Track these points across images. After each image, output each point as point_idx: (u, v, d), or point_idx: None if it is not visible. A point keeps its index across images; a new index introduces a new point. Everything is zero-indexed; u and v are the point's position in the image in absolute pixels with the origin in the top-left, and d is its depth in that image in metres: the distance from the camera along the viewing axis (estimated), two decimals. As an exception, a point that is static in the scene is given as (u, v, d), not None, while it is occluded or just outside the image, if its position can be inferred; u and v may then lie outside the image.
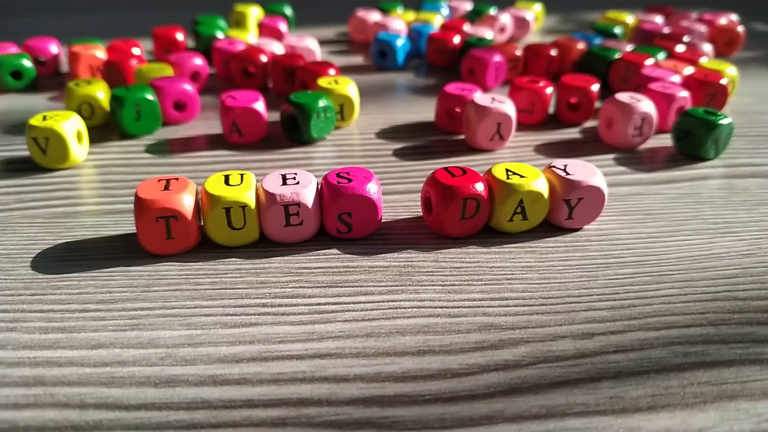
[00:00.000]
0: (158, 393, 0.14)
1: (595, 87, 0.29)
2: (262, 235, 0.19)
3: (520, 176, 0.19)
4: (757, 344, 0.15)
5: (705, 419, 0.13)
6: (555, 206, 0.20)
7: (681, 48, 0.35)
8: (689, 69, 0.31)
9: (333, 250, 0.19)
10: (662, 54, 0.34)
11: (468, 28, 0.40)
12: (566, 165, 0.20)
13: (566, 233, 0.20)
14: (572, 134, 0.28)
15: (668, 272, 0.18)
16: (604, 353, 0.15)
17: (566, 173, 0.20)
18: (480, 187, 0.19)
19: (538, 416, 0.13)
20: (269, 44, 0.35)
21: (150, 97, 0.27)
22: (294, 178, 0.19)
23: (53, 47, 0.35)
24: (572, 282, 0.18)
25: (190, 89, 0.28)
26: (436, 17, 0.43)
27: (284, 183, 0.19)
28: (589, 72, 0.34)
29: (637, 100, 0.26)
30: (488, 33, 0.39)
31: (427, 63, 0.39)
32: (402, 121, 0.30)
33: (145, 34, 0.41)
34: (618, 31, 0.40)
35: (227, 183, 0.19)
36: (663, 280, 0.18)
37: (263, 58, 0.33)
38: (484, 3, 0.51)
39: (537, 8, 0.46)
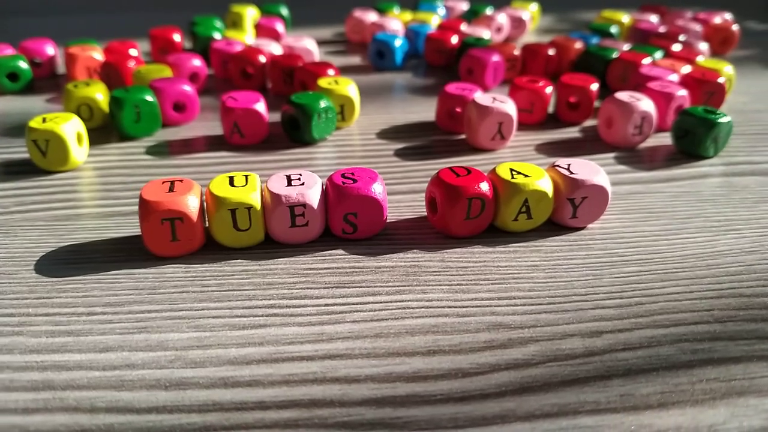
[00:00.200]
0: (169, 396, 0.14)
1: (595, 86, 0.29)
2: (267, 236, 0.19)
3: (525, 176, 0.19)
4: (763, 341, 0.16)
5: (715, 416, 0.13)
6: (559, 205, 0.20)
7: (677, 47, 0.36)
8: (687, 68, 0.31)
9: (339, 251, 0.19)
10: (659, 53, 0.34)
11: (465, 28, 0.40)
12: (570, 164, 0.20)
13: (570, 232, 0.20)
14: (572, 133, 0.29)
15: (673, 270, 0.18)
16: (613, 351, 0.15)
17: (570, 172, 0.20)
18: (485, 187, 0.19)
19: (550, 415, 0.13)
20: (267, 45, 0.35)
21: (149, 99, 0.27)
22: (299, 179, 0.19)
23: (49, 49, 0.35)
24: (578, 281, 0.18)
25: (190, 90, 0.28)
26: (433, 17, 0.43)
27: (289, 184, 0.19)
28: (587, 71, 0.34)
29: (637, 99, 0.26)
30: (486, 33, 0.39)
31: (425, 63, 0.39)
32: (402, 121, 0.30)
33: (141, 36, 0.41)
34: (614, 31, 0.40)
35: (232, 184, 0.19)
36: (668, 278, 0.18)
37: (262, 59, 0.32)
38: (481, 3, 0.51)
39: (533, 8, 0.46)
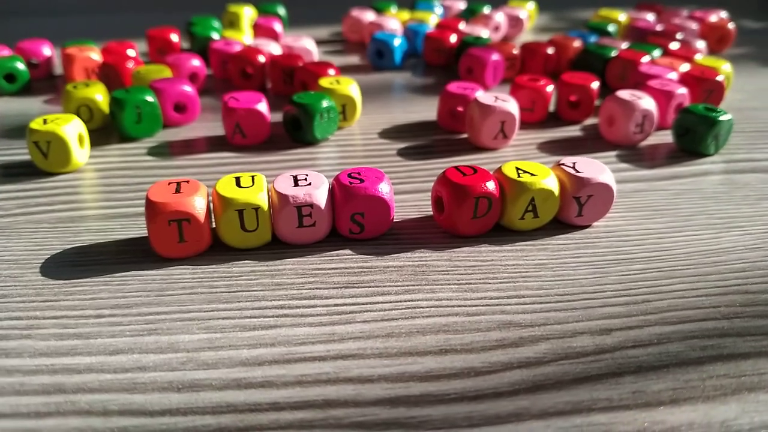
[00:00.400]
0: (182, 398, 0.14)
1: (595, 85, 0.29)
2: (274, 237, 0.19)
3: (531, 174, 0.19)
4: (771, 336, 0.16)
5: (727, 411, 0.13)
6: (565, 204, 0.20)
7: (675, 45, 0.36)
8: (685, 66, 0.32)
9: (346, 251, 0.19)
10: (657, 51, 0.34)
11: (463, 27, 0.40)
12: (575, 162, 0.20)
13: (576, 230, 0.20)
14: (573, 132, 0.29)
15: (679, 267, 0.18)
16: (623, 348, 0.15)
17: (576, 171, 0.20)
18: (491, 186, 0.19)
19: (564, 412, 0.13)
20: (266, 45, 0.35)
21: (150, 99, 0.26)
22: (305, 179, 0.19)
23: (46, 49, 0.34)
24: (586, 278, 0.18)
25: (191, 91, 0.28)
26: (431, 16, 0.43)
27: (296, 184, 0.19)
28: (586, 70, 0.34)
29: (638, 98, 0.26)
30: (484, 32, 0.39)
31: (424, 62, 0.39)
32: (403, 121, 0.30)
33: (138, 36, 0.41)
34: (612, 29, 0.40)
35: (239, 185, 0.19)
36: (674, 275, 0.18)
37: (261, 59, 0.32)
38: (478, 2, 0.51)
39: (530, 6, 0.46)
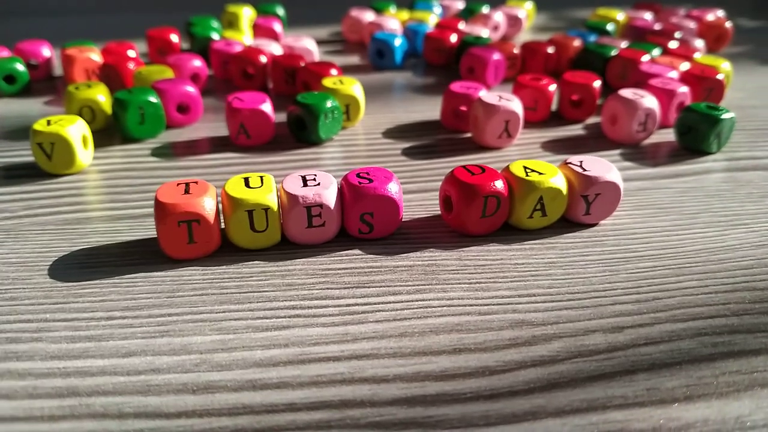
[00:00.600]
0: (198, 400, 0.14)
1: (597, 83, 0.29)
2: (283, 237, 0.19)
3: (539, 173, 0.20)
4: (781, 333, 0.16)
5: (740, 407, 0.14)
6: (573, 202, 0.20)
7: (674, 44, 0.36)
8: (685, 65, 0.32)
9: (355, 251, 0.19)
10: (657, 50, 0.34)
11: (463, 27, 0.40)
12: (582, 161, 0.20)
13: (583, 229, 0.20)
14: (576, 131, 0.29)
15: (687, 265, 0.19)
16: (636, 346, 0.15)
17: (583, 169, 0.20)
18: (500, 185, 0.19)
19: (580, 410, 0.13)
20: (267, 45, 0.35)
21: (153, 100, 0.26)
22: (314, 179, 0.19)
23: (45, 50, 0.34)
24: (595, 277, 0.18)
25: (193, 91, 0.28)
26: (431, 16, 0.43)
27: (305, 184, 0.19)
28: (586, 69, 0.34)
29: (641, 96, 0.26)
30: (484, 31, 0.39)
31: (424, 62, 0.39)
32: (406, 121, 0.30)
33: (135, 36, 0.41)
34: (610, 28, 0.41)
35: (248, 185, 0.19)
36: (682, 273, 0.18)
37: (263, 59, 0.32)
38: (477, 1, 0.51)
39: (528, 6, 0.47)
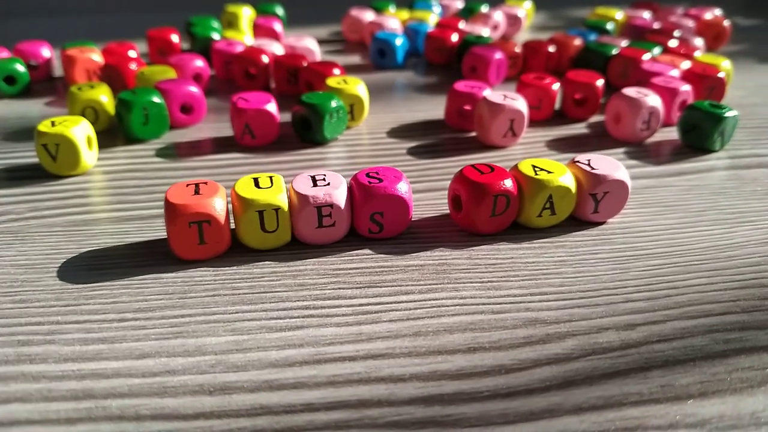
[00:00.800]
0: (215, 401, 0.14)
1: (600, 82, 0.29)
2: (292, 237, 0.19)
3: (548, 172, 0.20)
4: (792, 329, 0.16)
5: (755, 403, 0.14)
6: (581, 200, 0.20)
7: (674, 43, 0.36)
8: (686, 63, 0.32)
9: (365, 251, 0.19)
10: (657, 49, 0.35)
11: (463, 26, 0.40)
12: (590, 159, 0.20)
13: (591, 227, 0.21)
14: (579, 129, 0.29)
15: (695, 262, 0.19)
16: (649, 343, 0.15)
17: (591, 168, 0.20)
18: (509, 184, 0.19)
19: (597, 407, 0.14)
20: (269, 45, 0.35)
21: (157, 100, 0.26)
22: (324, 179, 0.19)
23: (45, 51, 0.34)
24: (606, 275, 0.18)
25: (197, 92, 0.28)
26: (431, 15, 0.43)
27: (315, 184, 0.19)
28: (587, 68, 0.34)
29: (644, 95, 0.27)
30: (484, 30, 0.39)
31: (425, 61, 0.39)
32: (410, 120, 0.30)
33: (134, 37, 0.41)
34: (610, 27, 0.41)
35: (258, 186, 0.19)
36: (691, 270, 0.18)
37: (265, 59, 0.32)
38: (476, 1, 0.51)
39: (527, 5, 0.47)
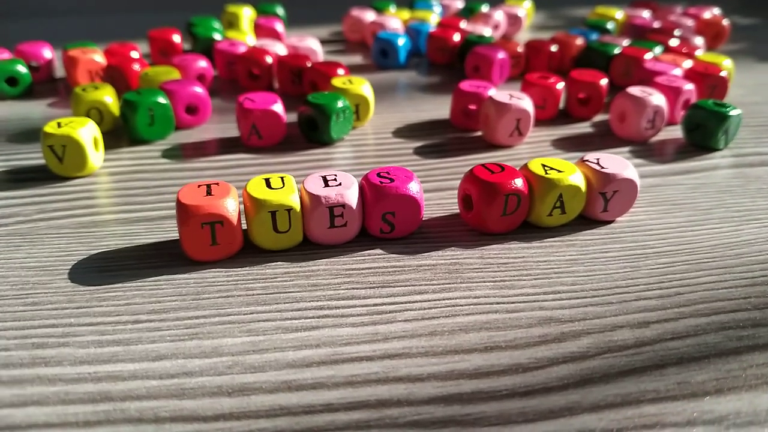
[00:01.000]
0: (234, 402, 0.14)
1: (604, 82, 0.29)
2: (304, 238, 0.19)
3: (558, 171, 0.20)
4: (803, 325, 0.16)
5: (771, 400, 0.14)
6: (591, 199, 0.20)
7: (675, 42, 0.36)
8: (688, 62, 0.32)
9: (377, 251, 0.19)
10: (659, 48, 0.35)
11: (464, 26, 0.40)
12: (598, 158, 0.21)
13: (600, 225, 0.21)
14: (584, 128, 0.29)
15: (705, 260, 0.19)
16: (663, 341, 0.15)
17: (600, 167, 0.20)
18: (520, 183, 0.19)
19: (614, 404, 0.14)
20: (272, 45, 0.35)
21: (163, 101, 0.26)
22: (335, 179, 0.19)
23: (46, 52, 0.34)
24: (617, 273, 0.18)
25: (202, 92, 0.28)
26: (432, 15, 0.43)
27: (326, 185, 0.19)
28: (589, 67, 0.34)
29: (649, 94, 0.27)
30: (486, 30, 0.40)
31: (427, 61, 0.39)
32: (414, 120, 0.30)
33: (133, 37, 0.40)
34: (610, 27, 0.41)
35: (269, 186, 0.19)
36: (701, 268, 0.18)
37: (268, 60, 0.32)
38: (475, 0, 0.51)
39: (527, 5, 0.47)
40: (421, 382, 0.14)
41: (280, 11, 0.44)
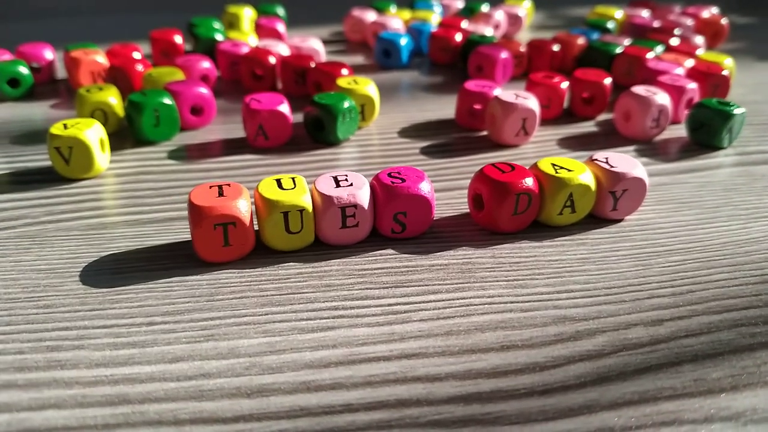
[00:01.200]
0: (253, 403, 0.14)
1: (608, 81, 0.29)
2: (315, 238, 0.19)
3: (568, 170, 0.20)
4: (815, 322, 0.16)
5: (787, 396, 0.14)
6: (601, 198, 0.20)
7: (675, 41, 0.37)
8: (690, 61, 0.32)
9: (389, 251, 0.19)
10: (660, 47, 0.35)
11: (465, 26, 0.40)
12: (607, 158, 0.21)
13: (610, 224, 0.21)
14: (589, 128, 0.29)
15: (715, 258, 0.19)
16: (677, 338, 0.16)
17: (610, 166, 0.20)
18: (531, 182, 0.19)
19: (632, 402, 0.14)
20: (274, 45, 0.35)
21: (168, 102, 0.26)
22: (346, 180, 0.19)
23: (48, 53, 0.33)
24: (629, 271, 0.18)
25: (207, 93, 0.28)
26: (433, 15, 0.43)
27: (338, 185, 0.19)
28: (591, 66, 0.35)
29: (653, 93, 0.27)
30: (488, 30, 0.40)
31: (429, 61, 0.39)
32: (420, 120, 0.30)
33: (133, 38, 0.40)
34: (611, 26, 0.41)
35: (281, 187, 0.18)
36: (712, 266, 0.19)
37: (272, 60, 0.32)
38: (476, 0, 0.52)
39: (527, 4, 0.47)
40: (440, 382, 0.14)
41: (281, 11, 0.44)
